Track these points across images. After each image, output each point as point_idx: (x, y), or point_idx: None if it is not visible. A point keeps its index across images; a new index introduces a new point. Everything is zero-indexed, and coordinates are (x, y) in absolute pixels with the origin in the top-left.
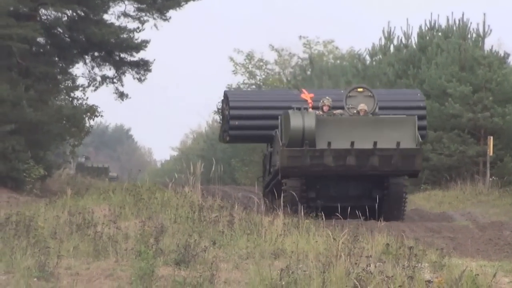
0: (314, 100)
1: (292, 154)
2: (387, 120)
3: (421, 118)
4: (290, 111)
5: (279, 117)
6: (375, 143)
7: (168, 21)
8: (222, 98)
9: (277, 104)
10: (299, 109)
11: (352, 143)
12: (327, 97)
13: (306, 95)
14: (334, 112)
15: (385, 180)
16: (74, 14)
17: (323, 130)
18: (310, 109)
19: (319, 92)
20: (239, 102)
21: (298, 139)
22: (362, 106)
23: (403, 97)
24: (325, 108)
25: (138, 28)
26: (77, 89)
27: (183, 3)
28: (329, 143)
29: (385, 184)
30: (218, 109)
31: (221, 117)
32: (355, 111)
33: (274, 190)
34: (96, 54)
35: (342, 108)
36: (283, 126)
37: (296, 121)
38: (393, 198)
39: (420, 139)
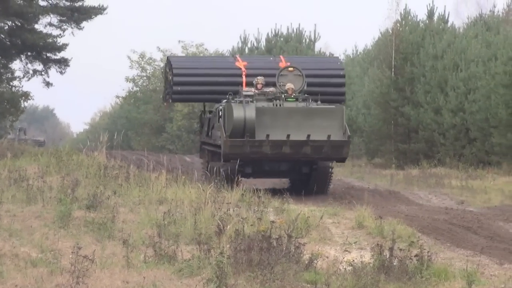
0: (247, 68)
1: (234, 144)
2: (318, 111)
3: (340, 85)
4: (233, 104)
5: (223, 107)
6: (308, 136)
7: (82, 30)
8: (166, 62)
9: (215, 71)
10: (241, 101)
11: (288, 136)
12: (260, 77)
13: (240, 63)
14: (267, 90)
15: (314, 162)
16: (13, 24)
17: (262, 120)
18: (248, 90)
19: (252, 59)
20: (181, 69)
21: (239, 128)
22: (289, 86)
23: (325, 65)
24: (259, 86)
25: (60, 34)
26: (15, 79)
27: (93, 16)
28: (267, 135)
29: (313, 166)
30: (162, 71)
31: (164, 79)
32: (284, 89)
33: (211, 153)
34: (29, 53)
35: (274, 85)
36: (226, 116)
37: (238, 112)
38: (320, 177)
39: (348, 130)
